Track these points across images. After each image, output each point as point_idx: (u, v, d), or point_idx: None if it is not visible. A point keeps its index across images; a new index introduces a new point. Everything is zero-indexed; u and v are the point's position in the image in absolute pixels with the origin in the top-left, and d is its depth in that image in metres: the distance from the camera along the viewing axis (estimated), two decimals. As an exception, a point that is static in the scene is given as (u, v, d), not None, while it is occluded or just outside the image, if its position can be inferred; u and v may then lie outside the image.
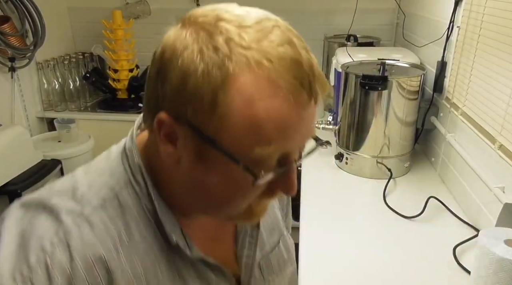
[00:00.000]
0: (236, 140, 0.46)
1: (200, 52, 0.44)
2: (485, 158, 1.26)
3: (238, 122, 0.45)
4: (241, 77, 0.44)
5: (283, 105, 0.44)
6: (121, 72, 2.56)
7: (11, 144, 1.85)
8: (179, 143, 0.49)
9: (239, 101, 0.44)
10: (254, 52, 0.44)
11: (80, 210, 0.51)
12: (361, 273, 1.13)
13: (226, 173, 0.49)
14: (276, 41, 0.45)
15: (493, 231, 0.96)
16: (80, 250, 0.48)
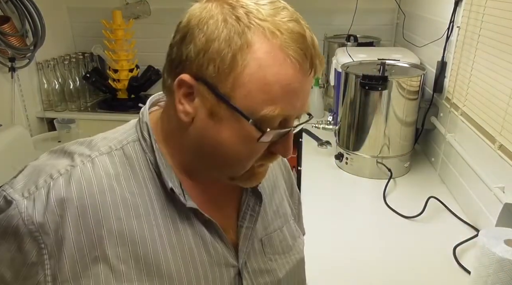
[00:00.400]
0: (248, 99, 0.53)
1: (224, 20, 0.52)
2: (485, 158, 1.26)
3: (251, 82, 0.52)
4: (257, 43, 0.52)
5: (290, 71, 0.53)
6: (121, 72, 2.56)
7: (11, 144, 1.85)
8: (195, 102, 0.55)
9: (253, 64, 0.52)
10: (269, 24, 0.52)
11: (88, 153, 0.60)
12: (361, 273, 1.13)
13: (235, 130, 0.55)
14: (286, 17, 0.54)
15: (493, 231, 0.96)
16: (77, 182, 0.56)
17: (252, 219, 0.69)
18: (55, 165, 0.58)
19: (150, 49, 2.73)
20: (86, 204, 0.56)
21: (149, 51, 2.73)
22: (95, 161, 0.59)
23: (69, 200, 0.55)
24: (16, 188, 0.57)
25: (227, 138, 0.56)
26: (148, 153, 0.61)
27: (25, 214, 0.54)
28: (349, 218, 1.38)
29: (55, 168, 0.58)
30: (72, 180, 0.56)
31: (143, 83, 2.65)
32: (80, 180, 0.57)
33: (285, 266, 0.74)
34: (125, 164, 0.60)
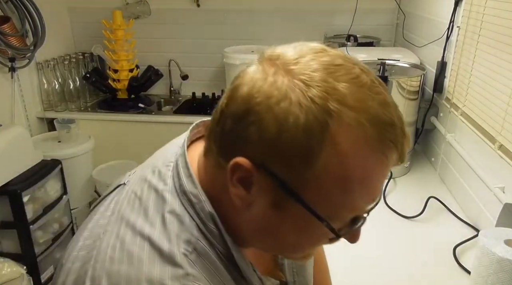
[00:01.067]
0: (324, 199, 0.45)
1: (299, 104, 0.43)
2: (485, 158, 1.26)
3: (329, 180, 0.44)
4: (341, 136, 0.43)
5: (376, 167, 0.45)
6: (121, 72, 2.56)
7: (11, 144, 1.85)
8: (253, 189, 0.47)
9: (335, 160, 0.43)
10: (355, 111, 0.43)
11: (183, 273, 0.48)
12: (361, 273, 1.13)
13: (303, 226, 0.48)
14: (374, 100, 0.44)
15: (493, 231, 0.96)
16: None
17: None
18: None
19: (150, 49, 2.73)
20: None
21: (149, 51, 2.73)
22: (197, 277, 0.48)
23: None
24: None
25: (291, 231, 0.49)
26: (217, 245, 0.51)
27: None
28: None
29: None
30: None
31: (143, 83, 2.65)
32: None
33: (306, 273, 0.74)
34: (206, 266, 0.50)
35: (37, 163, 1.99)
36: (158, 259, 0.47)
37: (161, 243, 0.48)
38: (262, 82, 0.45)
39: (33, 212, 1.89)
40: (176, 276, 0.47)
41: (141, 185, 0.55)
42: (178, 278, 0.47)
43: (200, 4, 2.56)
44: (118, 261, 0.48)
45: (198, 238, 0.50)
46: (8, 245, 1.90)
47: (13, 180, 1.84)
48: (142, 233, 0.49)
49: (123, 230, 0.50)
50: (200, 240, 0.50)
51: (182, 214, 0.51)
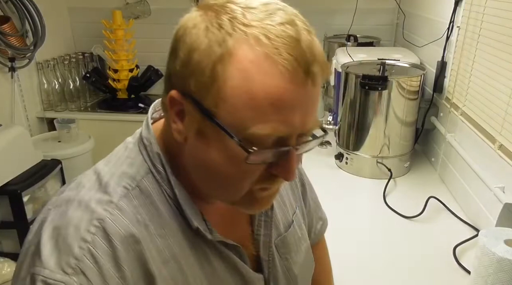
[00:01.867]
0: (233, 115, 0.47)
1: (206, 29, 0.47)
2: (485, 158, 1.26)
3: (235, 96, 0.46)
4: (239, 52, 0.46)
5: (280, 82, 0.46)
6: (121, 72, 2.56)
7: (11, 144, 1.85)
8: (186, 120, 0.51)
9: (236, 75, 0.46)
10: (254, 29, 0.46)
11: (108, 199, 0.53)
12: (361, 273, 1.13)
13: (222, 150, 0.50)
14: (278, 21, 0.47)
15: (493, 231, 0.96)
16: (116, 233, 0.51)
17: (267, 225, 0.67)
18: (76, 225, 0.51)
19: (150, 49, 2.73)
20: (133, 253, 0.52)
21: (149, 51, 2.73)
22: (121, 207, 0.53)
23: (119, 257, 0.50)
24: (50, 267, 0.48)
25: (215, 159, 0.50)
26: (164, 185, 0.56)
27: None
28: (349, 218, 1.38)
29: (82, 228, 0.50)
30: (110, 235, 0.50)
31: (143, 83, 2.65)
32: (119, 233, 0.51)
33: (297, 261, 0.73)
34: (146, 204, 0.55)
35: (37, 163, 1.99)
36: (96, 188, 0.54)
37: (105, 176, 0.55)
38: (185, 21, 0.51)
39: (33, 212, 1.89)
40: (100, 201, 0.53)
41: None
42: (102, 203, 0.52)
43: (200, 4, 2.56)
44: (70, 189, 0.56)
45: (143, 177, 0.55)
46: (8, 245, 1.90)
47: (13, 180, 1.84)
48: (96, 169, 0.58)
49: (88, 170, 0.59)
50: (145, 180, 0.55)
51: (135, 156, 0.57)
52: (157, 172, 0.56)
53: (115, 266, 0.50)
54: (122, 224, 0.52)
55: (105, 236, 0.50)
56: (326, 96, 2.35)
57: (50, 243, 0.50)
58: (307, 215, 0.83)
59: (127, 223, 0.52)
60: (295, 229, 0.74)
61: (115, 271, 0.50)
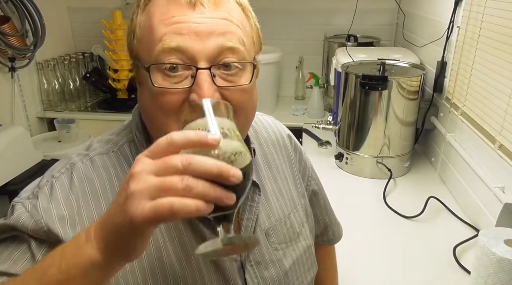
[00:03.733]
0: (144, 50, 0.56)
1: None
2: (485, 158, 1.26)
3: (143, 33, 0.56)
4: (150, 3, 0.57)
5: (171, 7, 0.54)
6: (121, 72, 2.56)
7: (11, 144, 1.85)
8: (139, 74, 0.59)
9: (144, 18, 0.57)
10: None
11: (86, 153, 0.63)
12: (360, 273, 1.13)
13: (144, 86, 0.58)
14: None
15: (493, 231, 0.96)
16: (79, 175, 0.60)
17: (252, 210, 0.67)
18: (55, 167, 0.62)
19: (150, 49, 2.73)
20: (88, 199, 0.59)
21: (149, 51, 2.73)
22: (93, 159, 0.62)
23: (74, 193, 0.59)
24: (21, 195, 0.61)
25: (145, 98, 0.58)
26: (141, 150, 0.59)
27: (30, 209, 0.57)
28: (348, 218, 1.38)
29: (55, 169, 0.61)
30: (73, 176, 0.60)
31: (143, 83, 2.65)
32: (81, 176, 0.60)
33: (291, 255, 0.72)
34: (123, 164, 0.62)
35: (37, 163, 1.99)
36: (82, 148, 0.65)
37: (94, 141, 0.66)
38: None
39: (33, 212, 1.89)
40: (79, 153, 0.64)
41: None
42: (79, 155, 0.63)
43: (200, 4, 2.55)
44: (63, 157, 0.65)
45: (125, 143, 0.64)
46: (8, 245, 1.90)
47: (13, 180, 1.84)
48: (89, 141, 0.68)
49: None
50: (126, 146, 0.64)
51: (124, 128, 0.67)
52: (137, 138, 0.64)
53: (65, 195, 0.58)
54: (88, 171, 0.61)
55: (69, 176, 0.60)
56: (326, 96, 2.35)
57: (34, 183, 0.62)
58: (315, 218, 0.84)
59: (92, 171, 0.61)
60: (292, 223, 0.74)
61: (62, 198, 0.58)
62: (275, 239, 0.70)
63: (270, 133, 0.79)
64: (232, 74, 0.55)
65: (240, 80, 0.56)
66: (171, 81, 0.54)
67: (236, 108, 0.53)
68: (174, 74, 0.53)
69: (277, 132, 0.80)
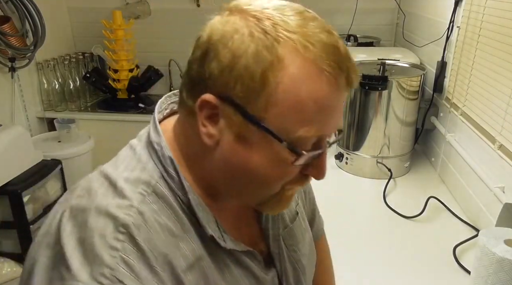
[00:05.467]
0: (281, 120, 0.49)
1: (251, 34, 0.48)
2: (485, 158, 1.26)
3: (284, 101, 0.48)
4: (289, 58, 0.47)
5: (326, 87, 0.48)
6: (121, 72, 2.56)
7: (11, 144, 1.85)
8: (220, 124, 0.51)
9: (287, 81, 0.47)
10: (299, 36, 0.48)
11: (128, 204, 0.51)
12: (360, 273, 1.13)
13: (267, 153, 0.51)
14: (317, 28, 0.49)
15: (493, 231, 0.96)
16: (143, 237, 0.50)
17: (274, 219, 0.67)
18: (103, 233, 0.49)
19: (150, 49, 2.73)
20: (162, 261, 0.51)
21: (149, 51, 2.73)
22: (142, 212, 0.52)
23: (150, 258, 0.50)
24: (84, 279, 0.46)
25: (257, 161, 0.51)
26: (177, 191, 0.54)
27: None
28: (348, 218, 1.38)
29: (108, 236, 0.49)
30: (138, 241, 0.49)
31: (143, 83, 2.65)
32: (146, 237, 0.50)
33: (305, 252, 0.74)
34: (165, 208, 0.54)
35: (37, 163, 1.99)
36: (111, 194, 0.52)
37: (118, 181, 0.53)
38: (218, 25, 0.51)
39: (33, 212, 1.89)
40: (120, 205, 0.51)
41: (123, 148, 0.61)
42: (122, 207, 0.51)
43: (200, 4, 2.55)
44: (80, 196, 0.53)
45: (158, 182, 0.54)
46: (8, 245, 1.90)
47: (13, 180, 1.84)
48: (105, 174, 0.55)
49: (92, 175, 0.57)
50: (160, 184, 0.54)
51: (146, 161, 0.55)
52: (169, 177, 0.55)
53: (150, 270, 0.49)
54: (146, 231, 0.50)
55: (133, 242, 0.49)
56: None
57: (78, 255, 0.48)
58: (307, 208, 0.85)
59: (149, 231, 0.51)
60: (300, 221, 0.75)
61: (152, 276, 0.49)
62: (291, 242, 0.71)
63: None
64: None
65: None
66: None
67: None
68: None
69: None
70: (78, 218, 0.50)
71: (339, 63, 0.49)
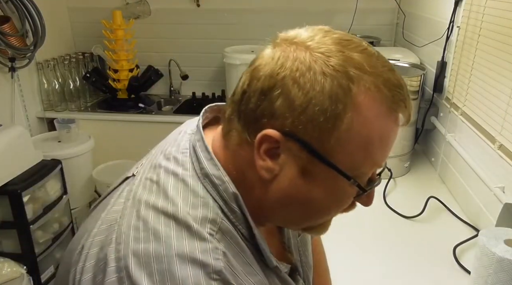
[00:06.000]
0: (349, 157, 0.49)
1: (323, 73, 0.47)
2: (485, 158, 1.26)
3: (354, 140, 0.48)
4: (362, 98, 0.47)
5: (391, 124, 0.51)
6: (121, 72, 2.56)
7: (11, 144, 1.85)
8: (281, 159, 0.50)
9: (359, 122, 0.47)
10: (370, 75, 0.48)
11: (214, 246, 0.49)
12: (360, 273, 1.13)
13: (331, 187, 0.51)
14: (384, 66, 0.50)
15: (493, 231, 0.96)
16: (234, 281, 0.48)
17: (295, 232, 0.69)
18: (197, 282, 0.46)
19: (150, 49, 2.73)
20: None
21: (149, 51, 2.73)
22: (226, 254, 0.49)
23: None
24: None
25: (319, 194, 0.51)
26: (238, 225, 0.53)
27: None
28: (348, 218, 1.38)
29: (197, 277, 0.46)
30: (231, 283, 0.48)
31: (143, 83, 2.65)
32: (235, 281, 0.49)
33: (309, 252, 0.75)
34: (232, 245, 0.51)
35: (37, 163, 1.99)
36: (186, 236, 0.48)
37: (188, 221, 0.49)
38: (284, 59, 0.48)
39: (33, 212, 1.89)
40: (206, 249, 0.48)
41: (156, 172, 0.55)
42: (208, 251, 0.48)
43: (200, 4, 2.55)
44: (144, 240, 0.48)
45: (222, 219, 0.51)
46: (8, 245, 1.90)
47: (13, 180, 1.83)
48: (165, 212, 0.50)
49: (144, 211, 0.50)
50: (224, 220, 0.51)
51: (205, 196, 0.52)
52: (231, 212, 0.52)
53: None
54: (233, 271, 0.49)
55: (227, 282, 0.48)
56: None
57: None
58: None
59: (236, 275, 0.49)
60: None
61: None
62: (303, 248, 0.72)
63: None
64: None
65: None
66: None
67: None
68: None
69: None
70: (153, 266, 0.46)
71: (405, 101, 0.50)
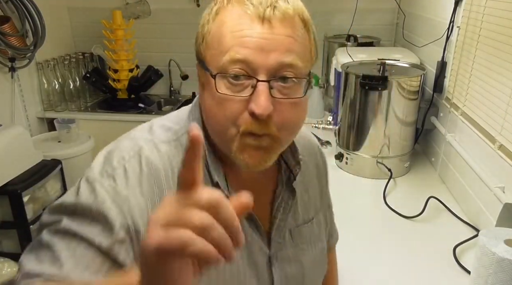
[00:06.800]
0: (212, 57, 0.59)
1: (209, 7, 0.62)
2: (485, 158, 1.26)
3: (212, 41, 0.59)
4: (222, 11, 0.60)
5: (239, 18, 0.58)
6: (121, 72, 2.56)
7: (11, 144, 1.85)
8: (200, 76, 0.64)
9: (215, 26, 0.60)
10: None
11: (151, 139, 0.65)
12: (360, 273, 1.13)
13: (209, 90, 0.61)
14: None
15: (493, 231, 0.96)
16: (147, 161, 0.62)
17: (285, 211, 0.72)
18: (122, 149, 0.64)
19: (150, 49, 2.73)
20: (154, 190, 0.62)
21: (149, 51, 2.73)
22: (159, 147, 0.64)
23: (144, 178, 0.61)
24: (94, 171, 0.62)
25: (208, 102, 0.61)
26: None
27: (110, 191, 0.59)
28: (349, 218, 1.38)
29: (124, 151, 0.64)
30: (141, 161, 0.62)
31: (143, 83, 2.65)
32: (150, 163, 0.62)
33: (310, 255, 0.78)
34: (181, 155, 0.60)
35: (37, 163, 1.99)
36: (146, 131, 0.68)
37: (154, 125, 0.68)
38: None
39: (33, 212, 1.89)
40: (145, 138, 0.66)
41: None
42: (145, 140, 0.65)
43: (200, 4, 2.56)
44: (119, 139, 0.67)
45: (184, 134, 0.66)
46: (8, 245, 1.90)
47: (13, 180, 1.84)
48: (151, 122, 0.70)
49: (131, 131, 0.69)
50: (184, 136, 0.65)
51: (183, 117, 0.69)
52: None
53: (138, 182, 0.61)
54: (154, 157, 0.63)
55: (138, 160, 0.62)
56: (326, 96, 2.35)
57: (101, 159, 0.64)
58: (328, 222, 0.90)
59: (158, 159, 0.63)
60: (313, 227, 0.80)
61: (137, 185, 0.60)
62: (298, 240, 0.75)
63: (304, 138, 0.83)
64: (288, 87, 0.59)
65: (294, 94, 0.60)
66: (233, 90, 0.58)
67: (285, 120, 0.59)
68: (237, 83, 0.58)
69: (307, 139, 0.85)
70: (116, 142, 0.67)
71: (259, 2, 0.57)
